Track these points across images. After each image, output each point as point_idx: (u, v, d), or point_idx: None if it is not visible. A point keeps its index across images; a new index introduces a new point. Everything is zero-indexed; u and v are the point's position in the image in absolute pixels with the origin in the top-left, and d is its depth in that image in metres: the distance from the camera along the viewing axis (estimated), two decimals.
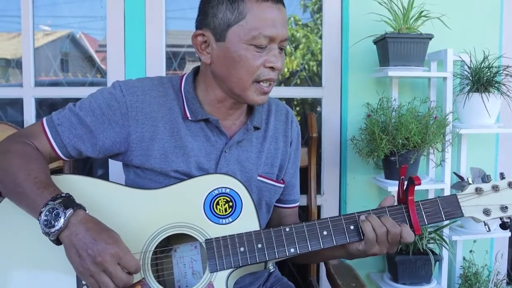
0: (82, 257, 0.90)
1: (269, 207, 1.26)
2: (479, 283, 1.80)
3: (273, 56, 1.07)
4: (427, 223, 1.08)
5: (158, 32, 1.90)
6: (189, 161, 1.13)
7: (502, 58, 1.90)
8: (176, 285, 1.08)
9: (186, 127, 1.15)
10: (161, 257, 1.08)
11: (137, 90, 1.13)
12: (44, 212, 0.92)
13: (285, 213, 1.34)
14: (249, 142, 1.20)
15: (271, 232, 1.05)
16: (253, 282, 1.25)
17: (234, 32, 1.05)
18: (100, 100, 1.12)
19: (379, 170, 1.90)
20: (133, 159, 1.14)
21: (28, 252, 1.01)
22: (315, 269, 1.73)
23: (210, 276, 1.02)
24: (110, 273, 0.90)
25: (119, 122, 1.11)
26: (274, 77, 1.09)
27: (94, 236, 0.91)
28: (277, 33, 1.05)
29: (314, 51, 2.10)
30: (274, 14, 1.05)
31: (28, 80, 1.92)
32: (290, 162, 1.29)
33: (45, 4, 1.98)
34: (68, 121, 1.11)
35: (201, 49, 1.11)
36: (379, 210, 1.09)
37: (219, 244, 1.03)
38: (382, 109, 1.76)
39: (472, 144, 1.94)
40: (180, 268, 1.09)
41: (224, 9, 1.05)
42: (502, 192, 1.08)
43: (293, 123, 1.30)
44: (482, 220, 1.08)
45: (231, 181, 1.08)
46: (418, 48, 1.74)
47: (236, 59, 1.06)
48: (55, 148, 1.11)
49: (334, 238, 1.06)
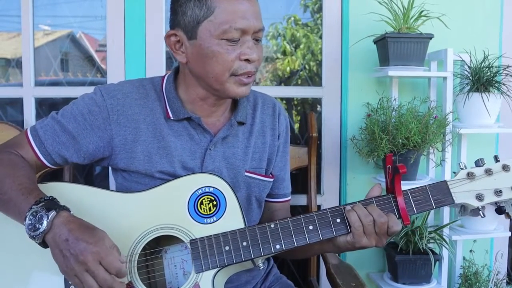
0: (65, 257, 0.91)
1: (260, 203, 1.26)
2: (479, 282, 1.80)
3: (247, 48, 1.05)
4: (416, 211, 1.06)
5: (158, 32, 1.90)
6: (173, 161, 1.13)
7: (502, 58, 1.90)
8: (167, 286, 1.08)
9: (169, 127, 1.14)
10: (151, 259, 1.08)
11: (117, 94, 1.13)
12: (28, 216, 0.93)
13: (275, 208, 1.33)
14: (235, 138, 1.20)
15: (256, 229, 1.04)
16: (249, 281, 1.24)
17: (205, 28, 1.04)
18: (82, 106, 1.12)
19: (379, 170, 1.90)
20: (118, 163, 1.14)
21: (17, 257, 1.02)
22: (315, 269, 1.73)
23: (196, 277, 1.01)
24: (92, 273, 0.90)
25: (101, 126, 1.11)
26: (251, 70, 1.07)
27: (76, 235, 0.91)
28: (249, 24, 1.03)
29: (314, 51, 2.10)
30: (244, 5, 1.03)
31: (28, 79, 1.92)
32: (278, 155, 1.28)
33: (45, 3, 1.98)
34: (51, 129, 1.11)
35: (175, 49, 1.10)
36: (366, 200, 1.08)
37: (204, 244, 1.02)
38: (382, 108, 1.76)
39: (472, 144, 1.94)
40: (171, 269, 1.09)
41: (192, 6, 1.04)
42: (495, 175, 1.04)
43: (281, 116, 1.29)
44: (475, 205, 1.04)
45: (214, 180, 1.07)
46: (418, 48, 1.74)
47: (210, 55, 1.04)
48: (40, 157, 1.11)
49: (320, 232, 1.04)
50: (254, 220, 1.24)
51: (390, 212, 1.05)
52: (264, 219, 1.29)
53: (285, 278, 1.34)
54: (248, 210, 1.22)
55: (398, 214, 1.05)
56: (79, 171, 2.04)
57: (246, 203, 1.21)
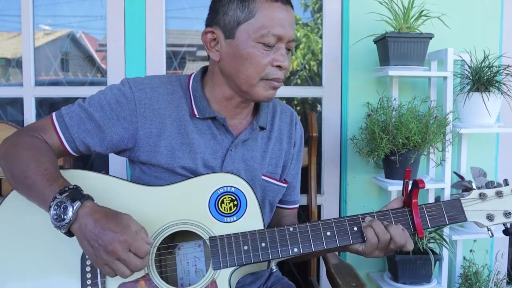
0: (94, 247, 0.92)
1: (272, 207, 1.27)
2: (479, 282, 1.80)
3: (280, 55, 1.08)
4: (430, 226, 1.09)
5: (158, 32, 1.90)
6: (195, 158, 1.14)
7: (503, 58, 1.90)
8: (179, 282, 1.09)
9: (193, 125, 1.16)
10: (165, 254, 1.08)
11: (145, 87, 1.14)
12: (53, 207, 0.93)
13: (284, 214, 1.35)
14: (254, 142, 1.21)
15: (275, 232, 1.05)
16: (254, 282, 1.25)
17: (244, 29, 1.06)
18: (109, 96, 1.13)
19: (379, 170, 1.90)
20: (140, 155, 1.14)
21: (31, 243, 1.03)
22: (315, 269, 1.73)
23: (213, 274, 1.02)
24: (124, 261, 0.91)
25: (127, 118, 1.12)
26: (281, 77, 1.11)
27: (102, 226, 0.92)
28: (285, 32, 1.07)
29: (314, 50, 2.10)
30: (283, 14, 1.07)
31: (28, 79, 1.92)
32: (292, 163, 1.30)
33: (45, 3, 1.98)
34: (77, 116, 1.12)
35: (210, 46, 1.12)
36: (383, 212, 1.09)
37: (223, 242, 1.03)
38: (382, 108, 1.76)
39: (472, 144, 1.94)
40: (183, 265, 1.09)
41: (234, 8, 1.07)
42: (506, 198, 1.09)
43: (297, 125, 1.32)
44: (485, 225, 1.09)
45: (236, 180, 1.08)
46: (419, 48, 1.74)
47: (245, 56, 1.07)
48: (64, 142, 1.11)
49: (337, 239, 1.06)
50: (265, 223, 1.25)
51: (405, 225, 1.08)
52: (273, 224, 1.31)
53: (286, 279, 1.34)
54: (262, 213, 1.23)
55: (413, 228, 1.08)
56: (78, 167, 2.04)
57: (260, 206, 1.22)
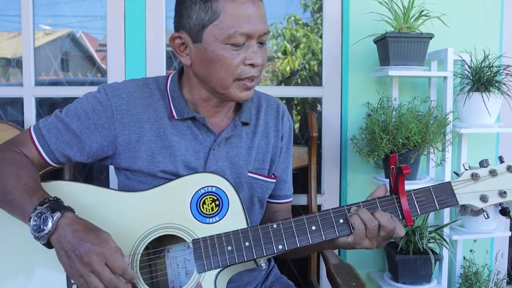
0: (70, 258, 0.91)
1: (262, 203, 1.26)
2: (479, 282, 1.80)
3: (252, 52, 1.04)
4: (420, 213, 1.05)
5: (159, 32, 1.90)
6: (176, 161, 1.13)
7: (503, 58, 1.90)
8: (170, 285, 1.08)
9: (173, 127, 1.14)
10: (154, 258, 1.08)
11: (121, 93, 1.13)
12: (33, 217, 0.93)
13: (276, 209, 1.33)
14: (238, 138, 1.19)
15: (259, 230, 1.03)
16: (250, 281, 1.24)
17: (210, 32, 1.02)
18: (86, 105, 1.12)
19: (380, 170, 1.89)
20: (121, 162, 1.14)
21: (20, 255, 1.02)
22: (315, 269, 1.73)
23: (198, 277, 1.01)
24: (98, 274, 0.90)
25: (105, 125, 1.11)
26: (255, 74, 1.07)
27: (81, 236, 0.91)
28: (254, 29, 1.02)
29: (314, 50, 2.10)
30: (249, 9, 1.02)
31: (28, 79, 1.92)
32: (281, 156, 1.28)
33: (45, 3, 1.98)
34: (54, 128, 1.11)
35: (179, 51, 1.10)
36: (370, 201, 1.07)
37: (206, 244, 1.02)
38: (382, 108, 1.76)
39: (472, 144, 1.93)
40: (173, 268, 1.09)
41: (197, 10, 1.02)
42: (500, 176, 1.03)
43: (284, 117, 1.29)
44: (479, 207, 1.03)
45: (217, 180, 1.07)
46: (419, 48, 1.74)
47: (215, 60, 1.04)
48: (43, 155, 1.11)
49: (323, 232, 1.04)
50: (256, 220, 1.24)
51: (393, 213, 1.05)
52: (265, 220, 1.29)
53: (285, 278, 1.34)
54: (251, 210, 1.22)
55: (402, 215, 1.04)
56: (79, 171, 2.05)
57: (249, 204, 1.21)
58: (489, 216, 1.05)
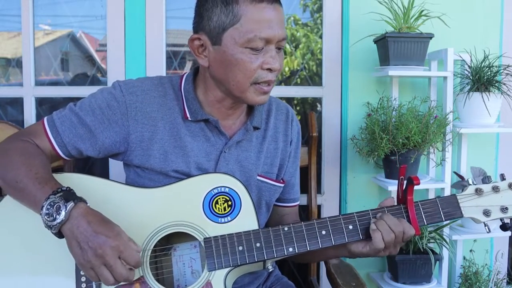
0: (83, 249, 0.91)
1: (268, 207, 1.27)
2: (479, 282, 1.80)
3: (270, 57, 1.05)
4: (426, 223, 1.08)
5: (159, 32, 1.90)
6: (188, 161, 1.13)
7: (503, 58, 1.90)
8: (175, 283, 1.09)
9: (186, 127, 1.15)
10: (160, 256, 1.08)
11: (136, 90, 1.13)
12: (46, 206, 0.93)
13: (284, 212, 1.34)
14: (248, 142, 1.20)
15: (270, 232, 1.05)
16: (252, 282, 1.25)
17: (230, 35, 1.03)
18: (100, 100, 1.12)
19: (380, 170, 1.90)
20: (133, 159, 1.14)
21: (28, 246, 1.02)
22: (315, 269, 1.73)
23: (208, 275, 1.02)
24: (110, 267, 0.90)
25: (119, 122, 1.11)
26: (272, 79, 1.08)
27: (95, 228, 0.91)
28: (274, 34, 1.03)
29: (314, 50, 2.10)
30: (270, 14, 1.02)
31: (28, 79, 1.92)
32: (290, 161, 1.29)
33: (45, 3, 1.98)
34: (68, 121, 1.11)
35: (198, 53, 1.10)
36: (379, 210, 1.09)
37: (218, 243, 1.03)
38: (382, 108, 1.76)
39: (472, 144, 1.94)
40: (179, 267, 1.09)
41: (218, 12, 1.03)
42: (502, 193, 1.08)
43: (293, 122, 1.30)
44: (482, 221, 1.08)
45: (230, 181, 1.08)
46: (419, 48, 1.74)
47: (233, 63, 1.04)
48: (55, 147, 1.11)
49: (332, 238, 1.06)
50: (261, 224, 1.25)
51: None
52: (273, 223, 1.31)
53: (286, 279, 1.34)
54: (258, 213, 1.22)
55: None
56: (78, 169, 2.04)
57: (256, 207, 1.21)
58: (490, 230, 1.10)
